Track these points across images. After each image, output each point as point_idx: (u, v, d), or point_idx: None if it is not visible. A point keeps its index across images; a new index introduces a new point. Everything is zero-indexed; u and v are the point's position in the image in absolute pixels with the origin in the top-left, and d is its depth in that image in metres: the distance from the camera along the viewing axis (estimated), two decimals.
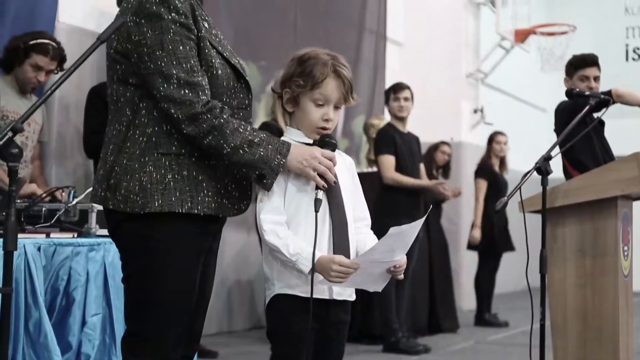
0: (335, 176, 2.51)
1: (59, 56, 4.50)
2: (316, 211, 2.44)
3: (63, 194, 3.89)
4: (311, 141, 2.57)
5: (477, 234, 7.93)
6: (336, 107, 2.58)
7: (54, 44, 4.49)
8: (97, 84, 5.16)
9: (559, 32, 10.84)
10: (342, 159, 2.65)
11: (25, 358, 3.19)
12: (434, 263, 7.39)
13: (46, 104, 4.90)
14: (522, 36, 10.75)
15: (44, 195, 3.85)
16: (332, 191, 2.52)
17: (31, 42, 4.45)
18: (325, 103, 2.55)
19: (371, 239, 2.63)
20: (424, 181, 6.54)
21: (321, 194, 2.47)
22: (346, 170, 2.64)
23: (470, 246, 8.21)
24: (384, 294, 6.01)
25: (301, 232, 2.48)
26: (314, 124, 2.56)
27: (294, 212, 2.50)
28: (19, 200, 3.61)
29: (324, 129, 2.56)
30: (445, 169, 8.13)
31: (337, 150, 2.58)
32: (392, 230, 2.43)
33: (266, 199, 2.48)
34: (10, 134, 2.17)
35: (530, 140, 11.50)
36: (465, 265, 9.61)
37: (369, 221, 2.69)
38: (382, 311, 6.28)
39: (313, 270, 2.41)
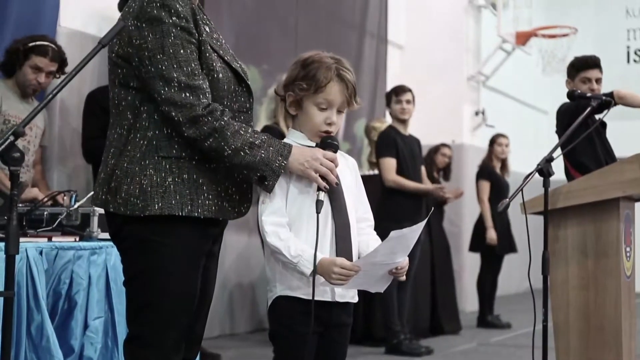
0: (338, 177, 2.50)
1: (59, 58, 4.51)
2: (318, 212, 2.43)
3: (65, 198, 3.90)
4: (314, 144, 2.56)
5: (493, 234, 7.88)
6: (339, 111, 2.57)
7: (53, 46, 4.51)
8: (94, 89, 5.16)
9: (560, 35, 10.83)
10: (345, 160, 2.65)
11: None
12: (436, 265, 7.39)
13: (47, 108, 4.91)
14: (523, 39, 10.74)
15: (46, 199, 3.85)
16: (334, 193, 2.52)
17: (30, 44, 4.46)
18: (329, 107, 2.54)
19: (374, 240, 2.62)
20: (425, 185, 6.54)
21: (323, 196, 2.46)
22: (349, 172, 2.64)
23: (472, 248, 8.22)
24: (386, 296, 6.03)
25: (303, 234, 2.48)
26: (317, 127, 2.55)
27: (296, 214, 2.50)
28: (20, 205, 3.62)
29: (327, 132, 2.55)
30: (446, 171, 8.12)
31: (339, 151, 2.58)
32: (394, 233, 2.42)
33: (268, 201, 2.48)
34: (12, 138, 2.17)
35: (532, 142, 11.49)
36: (467, 267, 9.60)
37: (371, 222, 2.68)
38: (384, 313, 6.27)
39: (314, 273, 2.40)
